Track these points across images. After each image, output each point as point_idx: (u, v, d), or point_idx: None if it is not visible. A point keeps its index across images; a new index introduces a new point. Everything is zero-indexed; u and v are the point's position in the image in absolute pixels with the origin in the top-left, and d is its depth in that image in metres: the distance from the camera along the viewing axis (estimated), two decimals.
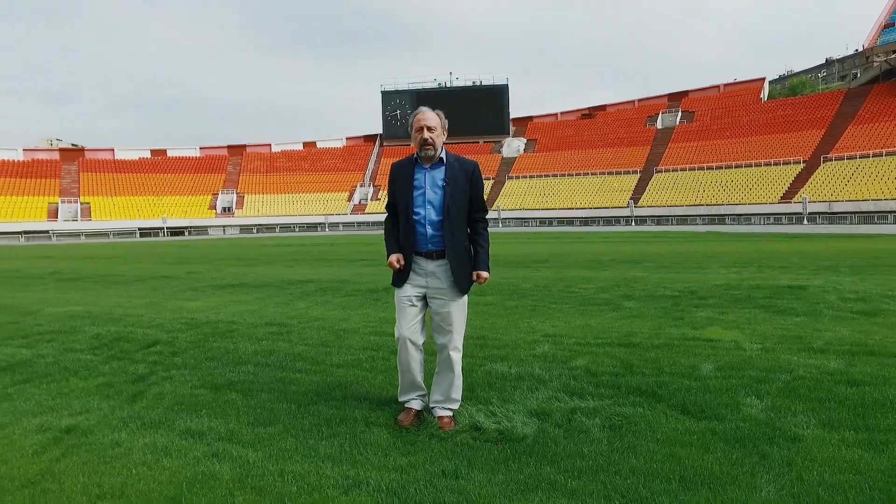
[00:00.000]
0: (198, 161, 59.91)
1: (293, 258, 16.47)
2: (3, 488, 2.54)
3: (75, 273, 13.23)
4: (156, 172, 57.04)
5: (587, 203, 45.62)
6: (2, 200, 49.51)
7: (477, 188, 3.14)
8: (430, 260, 3.06)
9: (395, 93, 60.04)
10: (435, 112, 3.06)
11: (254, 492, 2.41)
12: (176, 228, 49.43)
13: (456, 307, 3.12)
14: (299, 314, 6.67)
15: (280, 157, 61.54)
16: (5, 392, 3.97)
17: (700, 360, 4.08)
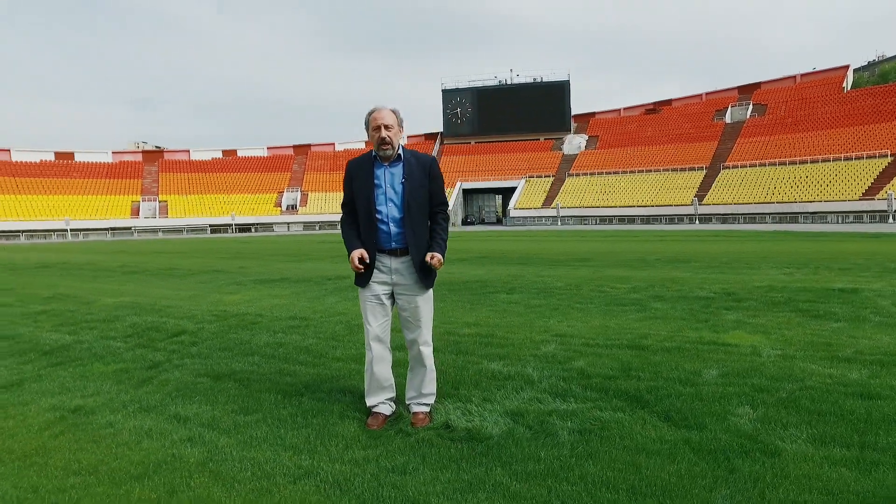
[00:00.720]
0: (265, 161, 62.40)
1: (342, 254, 16.83)
2: (1, 460, 2.77)
3: (140, 266, 14.12)
4: (226, 172, 59.88)
5: (649, 201, 44.09)
6: (93, 199, 53.46)
7: (436, 183, 3.14)
8: (393, 257, 3.06)
9: (455, 91, 60.15)
10: (390, 109, 3.04)
11: (210, 475, 2.51)
12: (243, 225, 51.70)
13: (423, 302, 3.12)
14: (326, 309, 6.84)
15: (343, 156, 63.08)
16: (38, 373, 4.31)
17: (706, 366, 3.88)
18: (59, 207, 50.21)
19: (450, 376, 3.85)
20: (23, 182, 53.52)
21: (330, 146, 64.61)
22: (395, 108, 3.05)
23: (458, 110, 60.17)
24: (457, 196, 53.61)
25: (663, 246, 16.43)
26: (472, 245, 19.14)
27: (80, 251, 23.38)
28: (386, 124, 2.97)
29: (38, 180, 54.27)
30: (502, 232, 32.70)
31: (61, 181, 54.90)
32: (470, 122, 60.21)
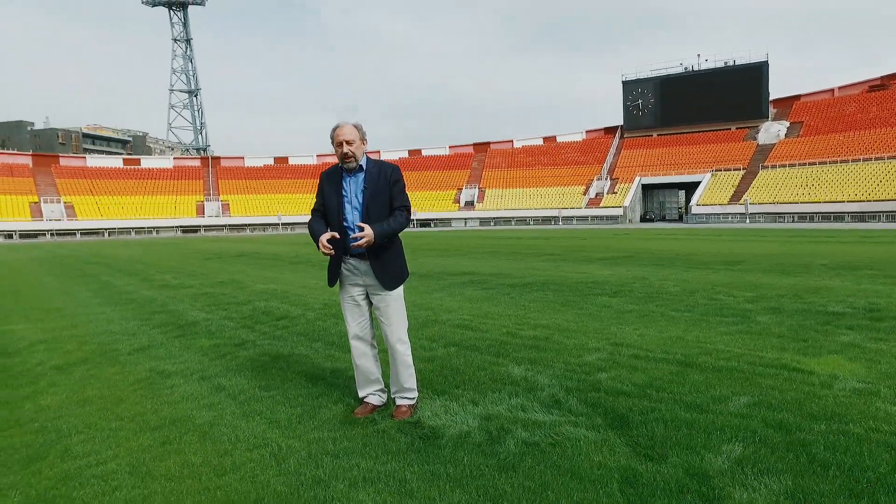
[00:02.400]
0: (446, 159, 65.79)
1: (491, 250, 17.25)
2: (93, 403, 3.62)
3: (308, 258, 16.10)
4: (412, 170, 64.46)
5: (866, 195, 36.92)
6: (301, 197, 61.73)
7: (395, 187, 3.28)
8: (361, 260, 3.25)
9: (636, 82, 56.83)
10: (352, 125, 3.21)
11: (198, 435, 3.01)
12: (424, 220, 55.28)
13: (391, 301, 3.28)
14: (422, 304, 7.26)
15: (520, 153, 63.77)
16: (162, 342, 5.39)
17: (743, 392, 3.41)
18: (274, 205, 58.76)
19: (462, 375, 3.95)
20: (251, 183, 63.74)
21: (508, 143, 65.70)
22: (358, 123, 3.26)
23: (640, 102, 56.77)
24: (635, 191, 50.80)
25: (853, 249, 13.88)
26: (629, 243, 18.16)
27: (278, 243, 27.27)
28: (347, 140, 3.18)
29: (262, 182, 64.16)
30: (676, 230, 30.27)
31: (277, 182, 64.16)
32: (652, 114, 56.48)
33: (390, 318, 3.30)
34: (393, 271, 3.30)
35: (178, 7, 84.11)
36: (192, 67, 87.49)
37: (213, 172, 66.59)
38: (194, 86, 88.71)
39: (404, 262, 3.46)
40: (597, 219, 49.27)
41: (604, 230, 33.05)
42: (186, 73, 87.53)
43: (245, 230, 55.17)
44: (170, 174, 65.55)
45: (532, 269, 10.89)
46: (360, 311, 3.37)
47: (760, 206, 40.72)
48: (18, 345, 5.52)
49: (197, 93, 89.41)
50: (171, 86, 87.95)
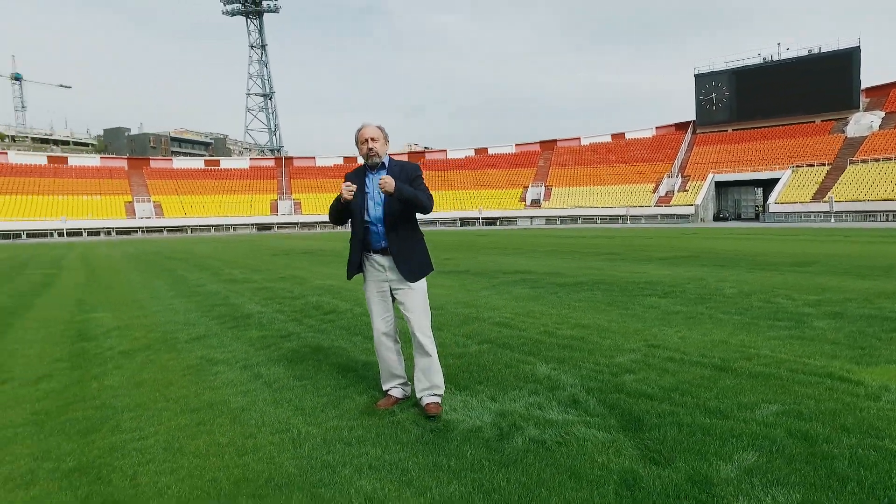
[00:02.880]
0: (513, 157, 65.45)
1: (551, 249, 17.07)
2: (147, 385, 3.96)
3: None
4: (477, 169, 64.60)
5: None
6: None
7: (416, 181, 3.37)
8: (384, 256, 3.36)
9: (710, 75, 54.20)
10: (376, 126, 3.35)
11: (229, 418, 3.24)
12: (489, 218, 55.29)
13: (414, 295, 3.36)
14: (467, 301, 7.33)
15: (588, 150, 62.45)
16: (217, 332, 5.76)
17: (775, 399, 3.27)
18: None
19: (487, 372, 4.00)
20: (322, 182, 65.91)
21: (575, 141, 64.52)
22: (381, 125, 3.39)
23: (713, 95, 54.16)
24: (708, 189, 48.59)
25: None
26: (695, 243, 17.44)
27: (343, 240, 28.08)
28: (372, 137, 3.32)
29: (332, 180, 66.20)
30: (750, 229, 28.70)
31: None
32: (727, 108, 53.72)
33: (413, 311, 3.37)
34: (415, 264, 3.38)
35: (255, 15, 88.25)
36: (266, 72, 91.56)
37: (285, 172, 69.39)
38: (269, 89, 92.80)
39: (427, 256, 3.54)
40: (666, 217, 47.54)
41: (671, 229, 31.85)
42: (262, 77, 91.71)
43: (315, 227, 57.18)
44: (246, 174, 68.88)
45: (587, 269, 10.72)
46: (384, 306, 3.47)
47: (848, 203, 37.90)
48: (97, 331, 6.07)
49: (271, 96, 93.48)
50: (247, 90, 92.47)
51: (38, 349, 5.29)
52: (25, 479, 2.63)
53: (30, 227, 50.14)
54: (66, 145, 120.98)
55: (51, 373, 4.42)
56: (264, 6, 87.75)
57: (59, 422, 3.34)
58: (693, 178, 50.45)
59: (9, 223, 49.87)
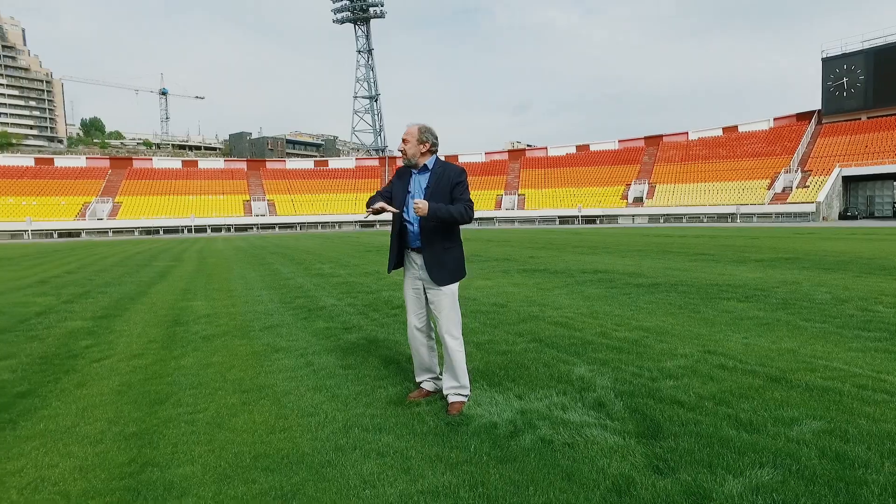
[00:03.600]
0: (615, 154, 63.19)
1: (642, 248, 16.36)
2: (213, 367, 4.40)
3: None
4: (578, 166, 63.09)
5: None
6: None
7: (457, 188, 3.38)
8: (419, 255, 3.46)
9: (840, 58, 48.73)
10: (416, 126, 3.42)
11: (273, 401, 3.53)
12: (589, 217, 53.79)
13: (443, 297, 3.42)
14: (534, 299, 7.30)
15: (696, 145, 58.85)
16: (289, 322, 6.20)
17: (821, 416, 3.01)
18: None
19: (524, 370, 4.02)
20: None
21: (682, 136, 61.06)
22: (424, 126, 3.43)
23: (844, 80, 48.77)
24: (833, 184, 43.96)
25: None
26: (806, 244, 15.92)
27: None
28: (405, 138, 3.44)
29: None
30: (883, 229, 25.54)
31: None
32: (860, 93, 48.14)
33: (441, 313, 3.44)
34: (445, 271, 3.42)
35: (362, 22, 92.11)
36: (372, 75, 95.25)
37: (389, 171, 71.81)
38: (374, 92, 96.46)
39: (460, 262, 3.54)
40: (782, 216, 43.64)
41: (785, 228, 29.21)
42: (368, 80, 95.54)
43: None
44: (351, 174, 72.15)
45: (672, 269, 10.21)
46: (419, 302, 3.57)
47: None
48: (189, 317, 6.76)
49: (377, 98, 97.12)
50: (354, 93, 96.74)
51: (139, 330, 6.00)
52: (96, 437, 3.06)
53: (166, 224, 55.96)
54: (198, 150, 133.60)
55: (143, 352, 5.02)
56: (371, 12, 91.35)
57: (136, 393, 3.81)
58: (815, 173, 45.90)
59: (150, 220, 55.99)
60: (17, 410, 3.56)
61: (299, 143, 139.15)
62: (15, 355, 5.01)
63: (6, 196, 57.67)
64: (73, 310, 7.48)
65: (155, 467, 2.65)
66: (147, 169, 67.34)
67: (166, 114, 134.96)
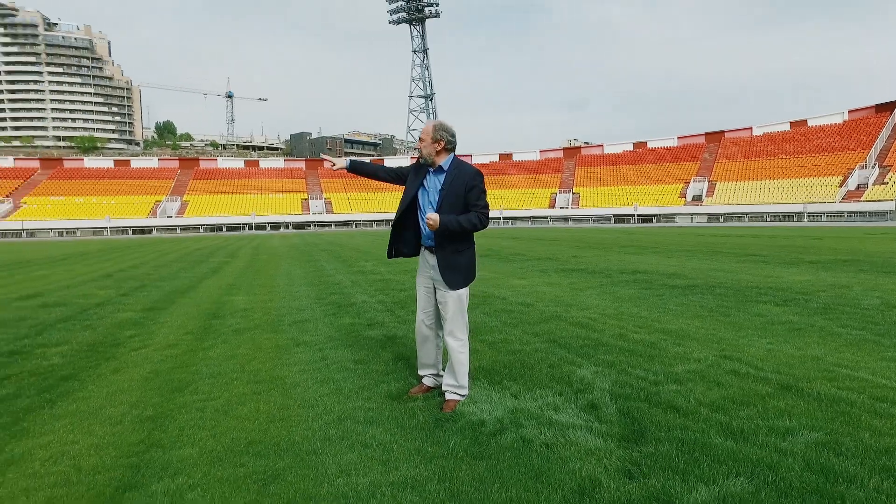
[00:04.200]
0: (674, 151, 61.15)
1: (691, 248, 15.80)
2: (236, 359, 4.65)
3: (494, 251, 16.78)
4: (635, 164, 61.48)
5: None
6: (521, 192, 63.50)
7: (471, 192, 3.38)
8: (432, 254, 3.52)
9: None
10: (431, 125, 3.45)
11: (280, 392, 3.71)
12: (645, 215, 52.33)
13: (450, 298, 3.46)
14: (563, 300, 7.25)
15: (761, 141, 56.10)
16: (318, 318, 6.43)
17: (822, 427, 2.89)
18: (497, 199, 61.43)
19: (529, 370, 4.04)
20: None
21: (746, 131, 58.38)
22: (438, 124, 3.44)
23: None
24: None
25: None
26: (875, 245, 14.91)
27: (487, 236, 28.66)
28: (421, 137, 3.52)
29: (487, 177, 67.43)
30: None
31: (501, 178, 66.83)
32: None
33: (447, 314, 3.47)
34: (456, 272, 3.44)
35: (418, 22, 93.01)
36: (427, 74, 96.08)
37: None
38: (429, 91, 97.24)
39: (471, 266, 3.55)
40: (856, 215, 40.96)
41: (856, 228, 27.43)
42: (423, 80, 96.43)
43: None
44: None
45: (715, 270, 9.87)
46: (428, 299, 3.62)
47: None
48: (227, 311, 7.13)
49: (432, 97, 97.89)
50: (410, 92, 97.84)
51: (180, 322, 6.39)
52: (117, 419, 3.33)
53: (228, 221, 58.51)
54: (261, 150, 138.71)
55: (177, 342, 5.36)
56: (426, 12, 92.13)
57: (161, 380, 4.10)
58: None
59: (214, 218, 58.71)
60: (58, 391, 3.91)
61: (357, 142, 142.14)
62: (68, 342, 5.46)
63: (90, 196, 61.91)
64: (126, 302, 8.02)
65: (159, 448, 2.87)
66: (212, 169, 70.58)
67: (232, 116, 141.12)
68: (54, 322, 6.53)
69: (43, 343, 5.44)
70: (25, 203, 59.77)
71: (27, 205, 59.42)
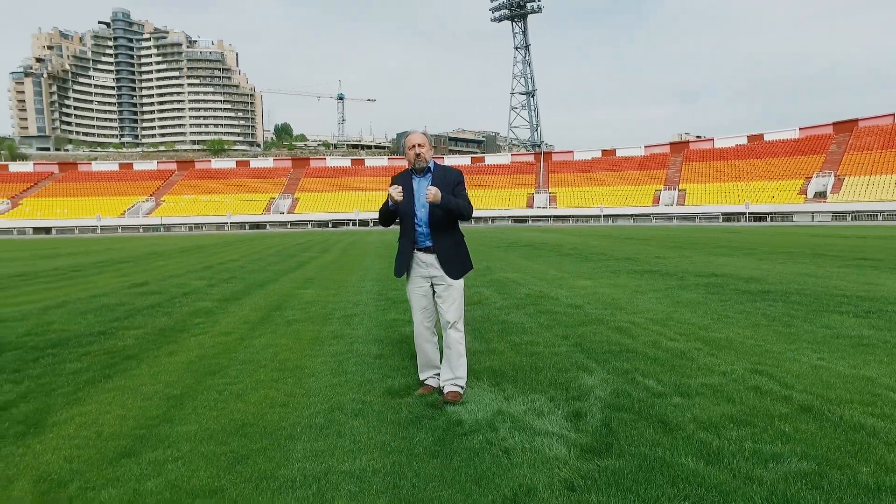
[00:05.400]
0: (794, 143, 55.76)
1: (788, 250, 14.38)
2: (273, 348, 5.03)
3: (579, 250, 16.37)
4: (748, 158, 56.92)
5: None
6: (623, 189, 61.13)
7: (458, 187, 3.62)
8: (427, 254, 3.64)
9: None
10: (421, 132, 3.64)
11: (295, 381, 3.98)
12: (758, 214, 48.30)
13: (452, 290, 3.62)
14: (617, 302, 7.00)
15: None
16: (367, 313, 6.74)
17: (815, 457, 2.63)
18: (598, 196, 59.62)
19: (537, 373, 4.02)
20: (578, 176, 66.03)
21: (886, 118, 51.99)
22: (426, 131, 3.68)
23: None
24: None
25: None
26: None
27: (579, 234, 27.97)
28: (419, 143, 3.63)
29: (588, 174, 65.79)
30: None
31: (603, 174, 64.80)
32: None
33: (449, 305, 3.63)
34: (457, 263, 3.67)
35: (520, 18, 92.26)
36: (529, 71, 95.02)
37: (544, 167, 71.42)
38: (531, 87, 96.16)
39: (467, 256, 3.79)
40: None
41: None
42: (525, 76, 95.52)
43: (569, 221, 57.64)
44: (506, 169, 72.94)
45: (803, 275, 9.00)
46: (425, 301, 3.76)
47: None
48: (291, 303, 7.64)
49: (533, 94, 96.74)
50: (511, 89, 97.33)
51: (244, 313, 6.97)
52: (149, 395, 3.75)
53: (334, 217, 61.77)
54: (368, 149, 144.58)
55: (232, 331, 5.87)
56: (528, 8, 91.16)
57: (201, 364, 4.54)
58: None
59: (321, 214, 62.27)
60: (117, 369, 4.46)
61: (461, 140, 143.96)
62: (145, 326, 6.17)
63: (214, 194, 68.10)
64: (210, 292, 8.85)
65: (168, 423, 3.23)
66: (321, 167, 74.79)
67: (342, 116, 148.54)
68: (144, 308, 7.37)
69: (126, 326, 6.19)
70: (164, 201, 66.97)
71: (165, 202, 66.55)
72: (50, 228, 59.43)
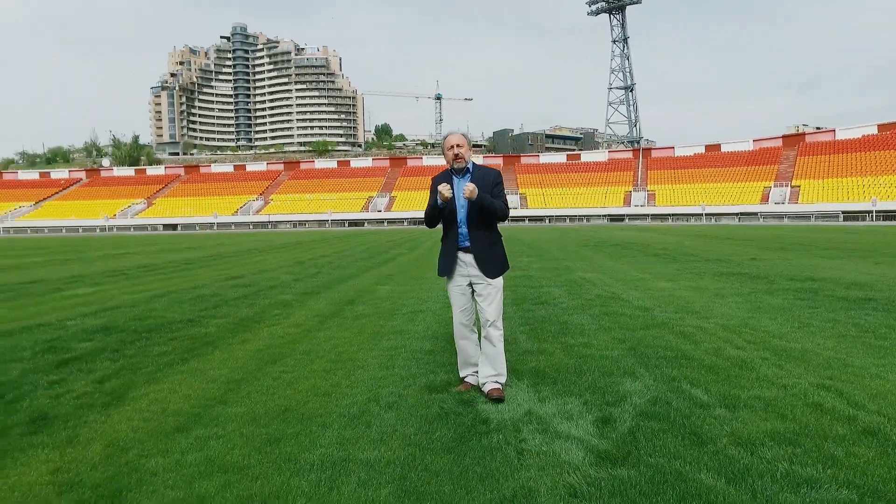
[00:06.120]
0: None
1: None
2: (333, 340, 5.32)
3: (658, 249, 15.58)
4: (877, 150, 51.04)
5: None
6: (728, 186, 57.20)
7: (496, 188, 3.67)
8: (467, 253, 3.71)
9: None
10: (460, 133, 3.69)
11: (345, 372, 4.19)
12: (889, 212, 43.21)
13: (491, 289, 3.68)
14: (691, 305, 6.66)
15: None
16: (432, 310, 6.90)
17: (862, 486, 2.42)
18: (700, 194, 56.24)
19: (580, 375, 3.96)
20: (679, 173, 62.79)
21: None
22: (465, 132, 3.73)
23: None
24: None
25: None
26: None
27: (675, 233, 26.57)
28: (458, 143, 3.69)
29: (690, 171, 62.30)
30: None
31: (706, 171, 61.06)
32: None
33: (491, 305, 3.68)
34: (494, 263, 3.73)
35: (617, 10, 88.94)
36: (627, 65, 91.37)
37: (642, 164, 68.59)
38: (629, 82, 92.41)
39: (504, 256, 3.84)
40: None
41: None
42: (623, 70, 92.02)
43: (668, 220, 55.01)
44: (603, 167, 70.86)
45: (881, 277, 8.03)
46: (464, 299, 3.83)
47: None
48: (364, 298, 7.96)
49: (632, 88, 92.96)
50: (609, 84, 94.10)
51: (320, 307, 7.37)
52: (212, 378, 4.11)
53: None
54: None
55: (303, 323, 6.25)
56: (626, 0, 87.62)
57: (266, 353, 4.90)
58: None
59: (416, 212, 63.78)
60: (195, 353, 4.92)
61: (558, 137, 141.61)
62: (229, 316, 6.73)
63: (317, 192, 71.90)
64: (294, 286, 9.43)
65: (222, 405, 3.54)
66: (418, 167, 76.61)
67: (440, 116, 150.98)
68: (232, 299, 8.02)
69: (213, 315, 6.78)
70: (272, 200, 71.74)
71: (273, 201, 71.27)
72: (176, 225, 65.72)
